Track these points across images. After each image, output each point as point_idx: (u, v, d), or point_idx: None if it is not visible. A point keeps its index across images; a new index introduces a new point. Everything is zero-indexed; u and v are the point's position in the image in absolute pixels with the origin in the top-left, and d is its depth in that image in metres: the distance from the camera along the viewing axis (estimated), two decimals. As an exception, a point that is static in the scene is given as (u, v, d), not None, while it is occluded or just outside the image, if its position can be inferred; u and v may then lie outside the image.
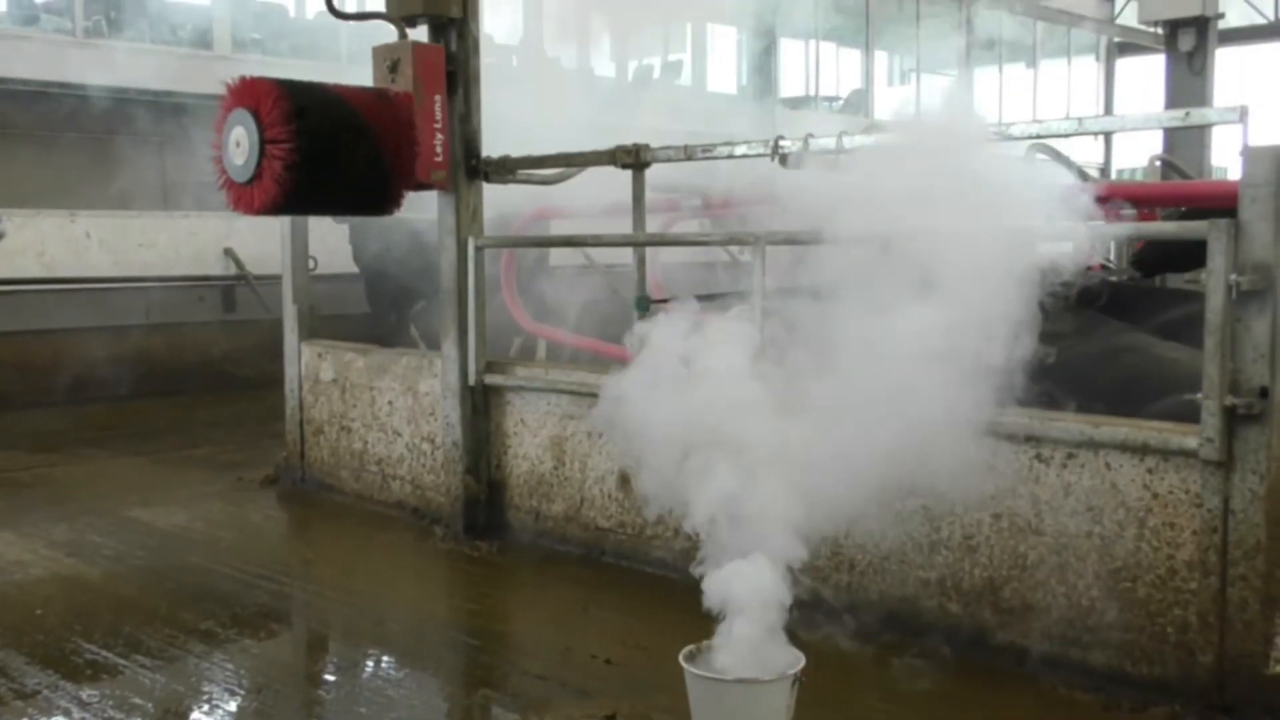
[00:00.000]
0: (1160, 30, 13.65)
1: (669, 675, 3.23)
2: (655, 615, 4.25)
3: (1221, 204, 3.31)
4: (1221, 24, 13.57)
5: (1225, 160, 14.37)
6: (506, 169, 5.34)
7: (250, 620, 4.41)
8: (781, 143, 4.64)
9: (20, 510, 6.13)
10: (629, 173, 5.01)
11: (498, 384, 5.36)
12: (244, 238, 10.60)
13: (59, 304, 9.92)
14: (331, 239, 8.72)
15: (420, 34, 5.18)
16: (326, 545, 5.77)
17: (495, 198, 5.61)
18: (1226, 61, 14.82)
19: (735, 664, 3.05)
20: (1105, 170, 20.93)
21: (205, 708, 3.69)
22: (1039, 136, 5.43)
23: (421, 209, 6.03)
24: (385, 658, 4.17)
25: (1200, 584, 3.36)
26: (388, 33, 5.14)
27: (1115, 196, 4.77)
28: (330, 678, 4.05)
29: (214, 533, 5.69)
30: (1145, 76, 21.37)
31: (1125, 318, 5.11)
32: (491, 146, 5.36)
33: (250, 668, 3.97)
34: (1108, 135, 21.15)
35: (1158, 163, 7.57)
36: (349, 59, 11.21)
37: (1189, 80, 12.68)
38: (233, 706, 3.72)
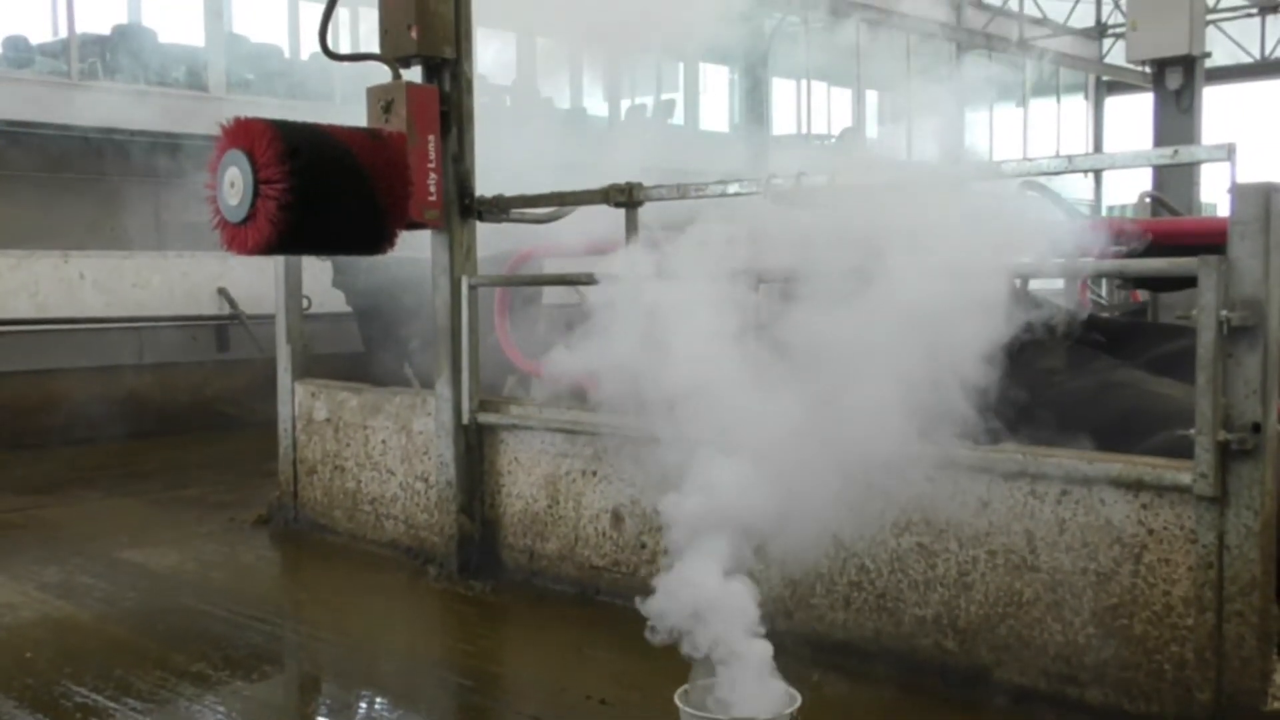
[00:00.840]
0: (1148, 69, 13.76)
1: (664, 715, 3.21)
2: (650, 655, 4.21)
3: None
4: (1208, 63, 13.68)
5: (1214, 197, 14.46)
6: (500, 208, 5.36)
7: (242, 662, 4.38)
8: (774, 180, 4.65)
9: (11, 552, 6.09)
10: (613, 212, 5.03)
11: (491, 422, 5.35)
12: (237, 277, 10.60)
13: (52, 345, 9.90)
14: (326, 278, 8.72)
15: (414, 75, 5.22)
16: (319, 586, 5.74)
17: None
18: (1214, 99, 14.97)
19: (731, 702, 3.04)
20: (1096, 207, 21.11)
21: (196, 751, 3.67)
22: (1030, 174, 5.47)
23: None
24: (378, 699, 4.13)
25: (1197, 620, 3.35)
26: (382, 73, 5.17)
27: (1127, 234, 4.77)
28: (323, 720, 4.02)
29: (206, 574, 5.66)
30: (1134, 114, 21.58)
31: (1117, 353, 5.12)
32: (485, 185, 5.38)
33: (242, 710, 3.93)
34: (1097, 173, 21.39)
35: (1148, 199, 7.61)
36: (343, 100, 11.27)
37: (1177, 118, 12.76)
38: (224, 750, 3.70)
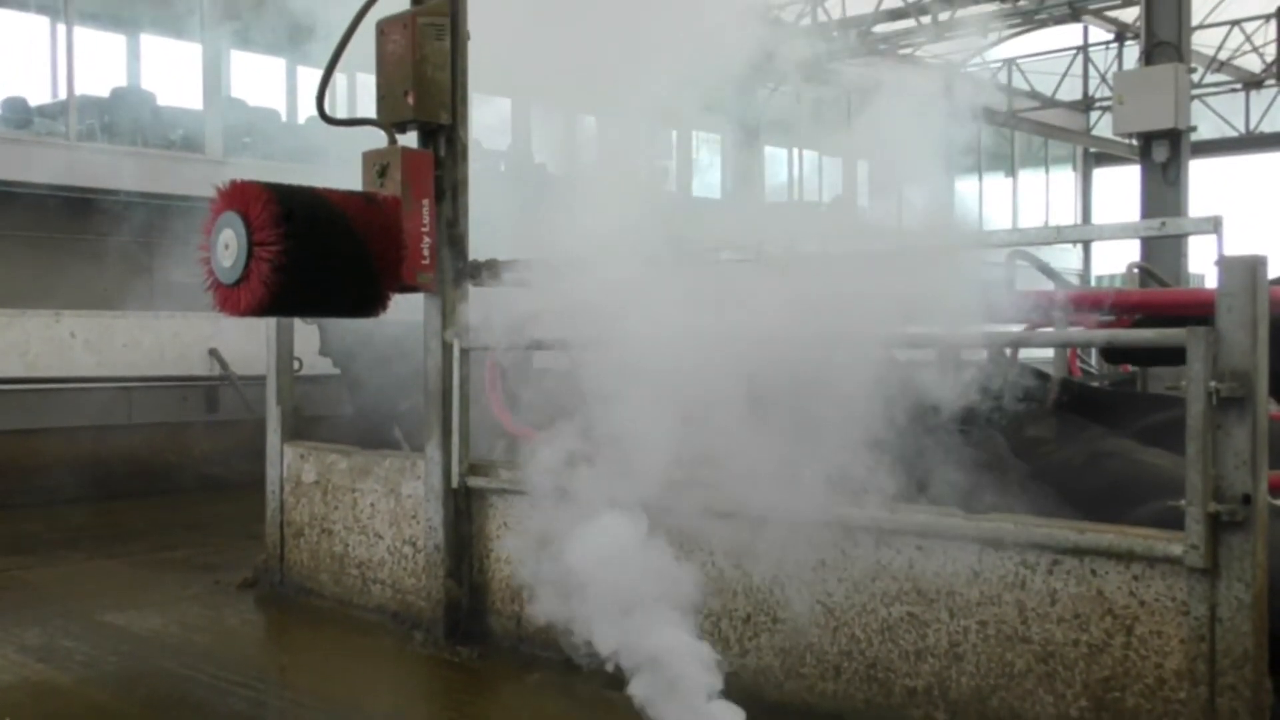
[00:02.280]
0: (1134, 142, 13.93)
1: (652, 787, 3.16)
2: (638, 724, 4.18)
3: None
4: (1195, 136, 13.86)
5: (1201, 268, 14.58)
6: (493, 272, 5.38)
7: (224, 728, 4.31)
8: (764, 248, 4.68)
9: (-8, 613, 6.02)
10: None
11: (481, 486, 5.33)
12: (228, 339, 10.61)
13: (41, 404, 9.87)
14: (317, 340, 8.70)
15: (410, 139, 5.26)
16: (304, 651, 5.67)
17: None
18: (1200, 172, 15.16)
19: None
20: (1084, 277, 21.28)
21: (174, 820, 3.60)
22: (1020, 244, 5.53)
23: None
24: (361, 768, 4.07)
25: (1189, 694, 3.32)
26: (378, 138, 5.21)
27: (1122, 305, 4.80)
28: (304, 789, 3.95)
29: (189, 637, 5.59)
30: (1121, 185, 21.83)
31: (1107, 422, 5.13)
32: (478, 248, 5.40)
33: (222, 778, 3.88)
34: (1086, 243, 21.57)
35: (1136, 270, 7.67)
36: (341, 163, 11.34)
37: (1164, 190, 12.89)
38: (203, 819, 3.63)
